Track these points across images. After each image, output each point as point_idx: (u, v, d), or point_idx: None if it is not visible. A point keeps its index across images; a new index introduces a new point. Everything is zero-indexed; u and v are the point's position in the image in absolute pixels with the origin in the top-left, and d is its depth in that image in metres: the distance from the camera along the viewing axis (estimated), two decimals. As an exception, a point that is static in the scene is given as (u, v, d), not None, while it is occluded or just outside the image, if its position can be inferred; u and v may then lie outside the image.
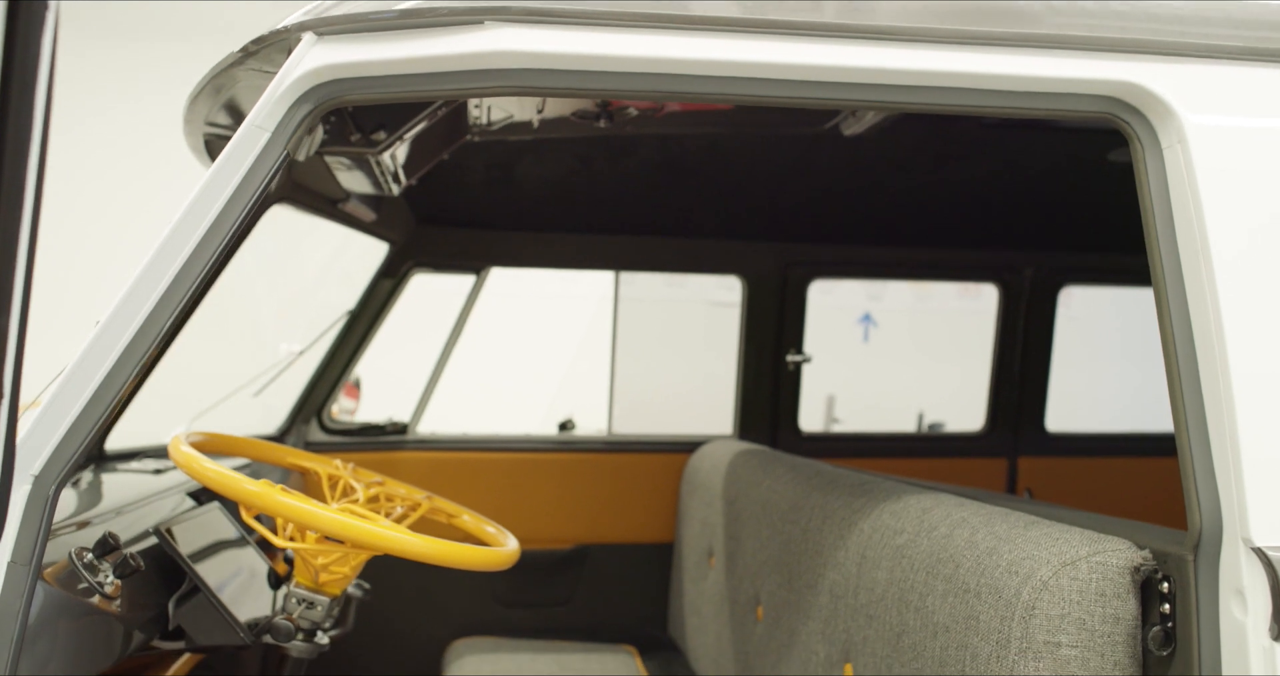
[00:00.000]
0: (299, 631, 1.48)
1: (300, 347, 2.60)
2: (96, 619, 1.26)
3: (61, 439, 1.12)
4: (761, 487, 2.12)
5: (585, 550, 2.95)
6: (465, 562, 1.35)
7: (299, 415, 2.77)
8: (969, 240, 3.02)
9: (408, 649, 2.82)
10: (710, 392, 3.21)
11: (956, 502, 1.46)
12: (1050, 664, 1.14)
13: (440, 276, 2.87)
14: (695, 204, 2.74)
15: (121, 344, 1.14)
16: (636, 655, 2.63)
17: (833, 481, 1.83)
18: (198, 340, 2.93)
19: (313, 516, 1.29)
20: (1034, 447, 3.19)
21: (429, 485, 2.86)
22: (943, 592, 1.30)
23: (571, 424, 3.07)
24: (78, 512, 1.51)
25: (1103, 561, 1.15)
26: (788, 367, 3.02)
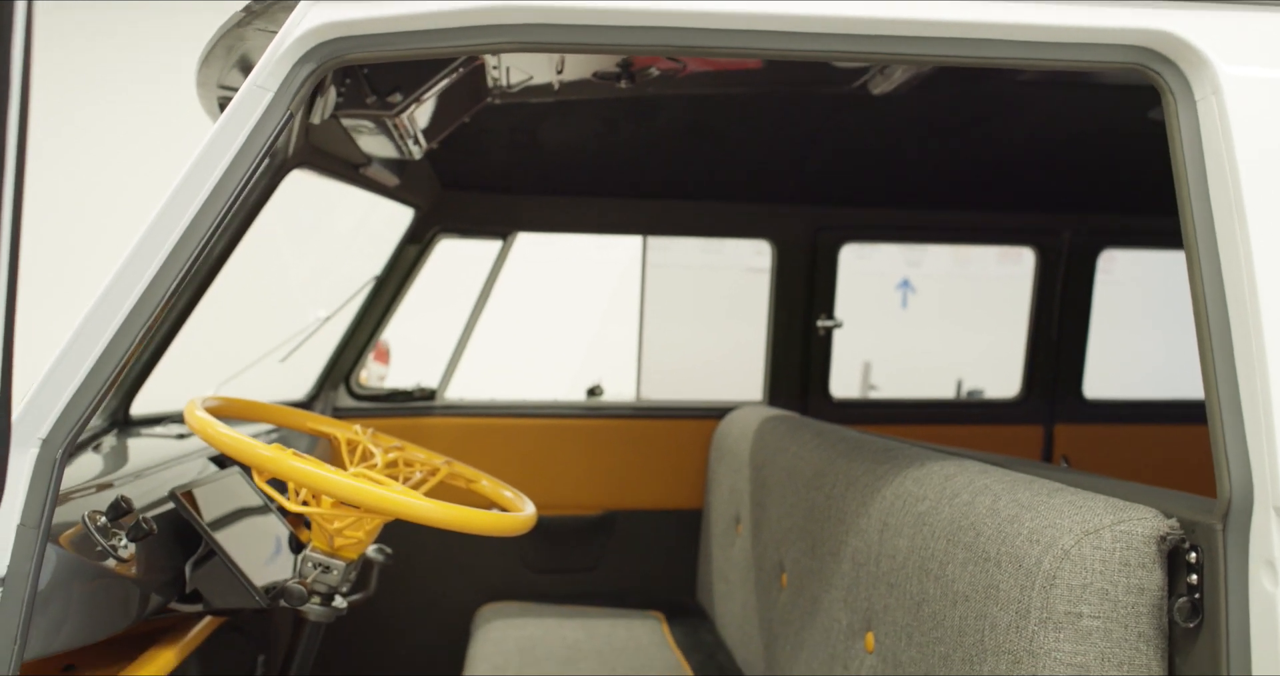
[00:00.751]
0: (314, 595, 1.48)
1: (326, 313, 2.60)
2: (111, 581, 1.27)
3: (68, 403, 1.11)
4: (787, 454, 2.09)
5: (613, 516, 2.95)
6: (478, 527, 1.34)
7: (327, 381, 2.78)
8: (1005, 203, 2.95)
9: (437, 613, 2.84)
10: (741, 358, 3.18)
11: (980, 469, 1.42)
12: (1071, 634, 1.10)
13: (467, 242, 2.86)
14: (723, 167, 2.70)
15: (126, 307, 1.13)
16: (664, 621, 2.63)
17: (857, 447, 1.80)
18: (227, 307, 2.94)
19: (324, 481, 1.29)
20: (1071, 415, 3.13)
21: (456, 451, 2.87)
22: (963, 561, 1.27)
23: (599, 389, 3.06)
24: (98, 477, 1.52)
25: (1127, 530, 1.11)
26: (818, 333, 2.97)
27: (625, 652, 2.32)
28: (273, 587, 1.44)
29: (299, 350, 2.59)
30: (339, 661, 2.81)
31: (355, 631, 2.82)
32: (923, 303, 7.30)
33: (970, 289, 7.14)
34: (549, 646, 2.34)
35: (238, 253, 1.99)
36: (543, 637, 2.41)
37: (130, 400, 1.96)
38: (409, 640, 2.84)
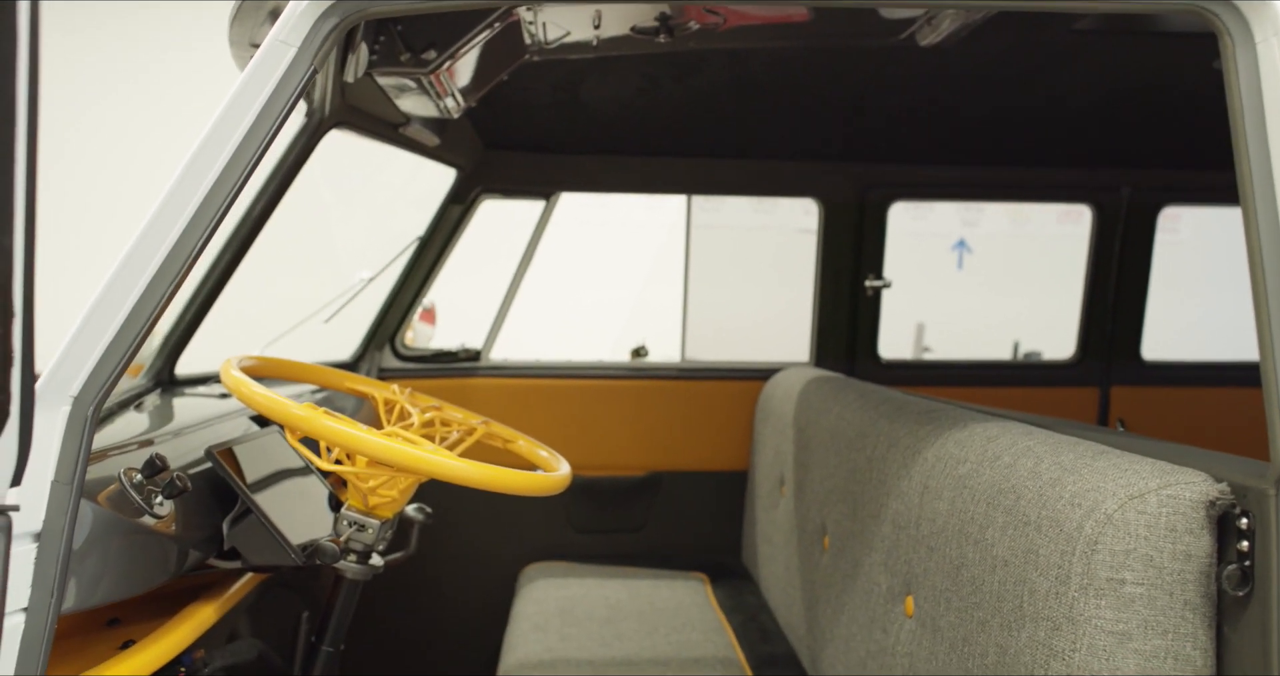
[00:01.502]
0: (349, 553, 1.49)
1: (370, 274, 2.61)
2: (147, 537, 1.28)
3: (98, 361, 1.12)
4: (831, 415, 2.06)
5: (658, 477, 2.94)
6: (509, 487, 1.33)
7: (372, 342, 2.80)
8: (1060, 158, 2.85)
9: (483, 572, 2.87)
10: (787, 320, 3.13)
11: (1024, 431, 1.38)
12: (1113, 601, 1.07)
13: (510, 202, 2.84)
14: (768, 124, 2.64)
15: (154, 264, 1.13)
16: (707, 582, 2.63)
17: (900, 409, 1.77)
18: (276, 268, 2.95)
19: (355, 439, 1.29)
20: (1128, 377, 3.04)
21: (501, 411, 2.88)
22: (1002, 525, 1.24)
23: (644, 350, 3.04)
24: (140, 435, 1.54)
25: (1174, 494, 1.07)
26: (866, 293, 2.92)
27: (667, 613, 2.32)
28: (309, 545, 1.45)
29: (345, 311, 2.60)
30: (385, 619, 2.85)
31: (402, 589, 2.86)
32: (979, 263, 7.16)
33: (1029, 249, 6.98)
34: (591, 605, 2.35)
35: (278, 213, 1.99)
36: (585, 597, 2.42)
37: (175, 360, 1.98)
38: (455, 599, 2.87)
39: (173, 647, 1.35)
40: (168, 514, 1.31)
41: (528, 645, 2.11)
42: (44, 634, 1.11)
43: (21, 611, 1.10)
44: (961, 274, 7.17)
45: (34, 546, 1.10)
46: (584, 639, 2.12)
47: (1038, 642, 1.13)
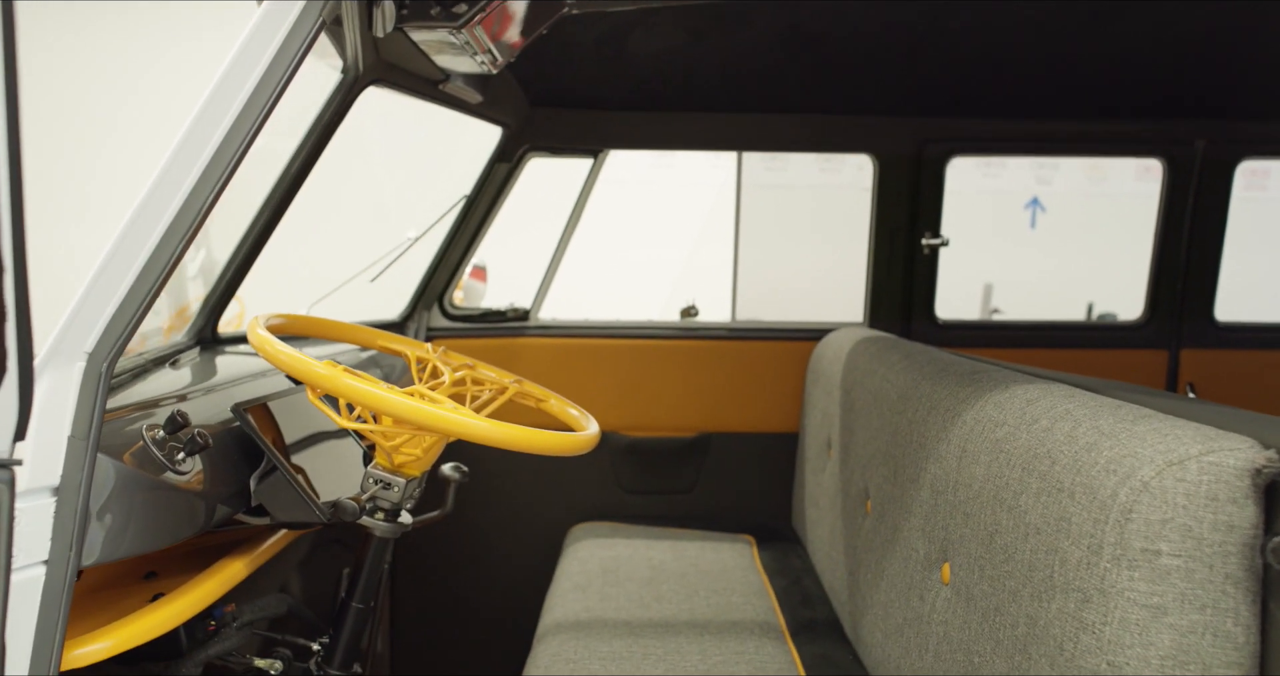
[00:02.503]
0: (378, 511, 1.49)
1: (416, 234, 2.60)
2: (172, 493, 1.29)
3: (112, 316, 1.12)
4: (876, 376, 2.00)
5: (708, 438, 2.91)
6: (529, 445, 1.31)
7: (420, 302, 2.80)
8: (1130, 109, 2.72)
9: (531, 532, 2.88)
10: (842, 279, 3.06)
11: (1065, 394, 1.31)
12: (1147, 573, 1.01)
13: (558, 160, 2.81)
14: (820, 77, 2.56)
15: (166, 219, 1.13)
16: (754, 545, 2.60)
17: (943, 370, 1.70)
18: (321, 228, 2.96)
19: (373, 397, 1.28)
20: (1199, 339, 2.91)
21: (550, 371, 2.87)
22: (1036, 491, 1.18)
23: (694, 310, 3.00)
24: (173, 391, 1.55)
25: (1216, 461, 1.00)
26: (923, 252, 2.83)
27: (709, 575, 2.30)
28: (334, 503, 1.45)
29: (392, 271, 2.60)
30: (434, 577, 2.88)
31: (451, 548, 2.88)
32: (1053, 222, 6.94)
33: (1105, 207, 6.74)
34: (634, 566, 2.34)
35: (323, 172, 1.99)
36: (629, 557, 2.41)
37: (216, 318, 2.00)
38: (503, 558, 2.89)
39: (199, 601, 1.37)
40: (191, 469, 1.31)
41: (567, 605, 2.10)
42: (64, 585, 1.13)
43: (42, 564, 1.12)
44: (1035, 233, 6.96)
45: (53, 500, 1.12)
46: (623, 599, 2.11)
47: (1067, 614, 1.08)
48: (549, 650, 1.86)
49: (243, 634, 1.47)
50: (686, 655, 1.82)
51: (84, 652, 1.23)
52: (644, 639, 1.89)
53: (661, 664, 1.77)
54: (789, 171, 6.11)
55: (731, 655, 1.83)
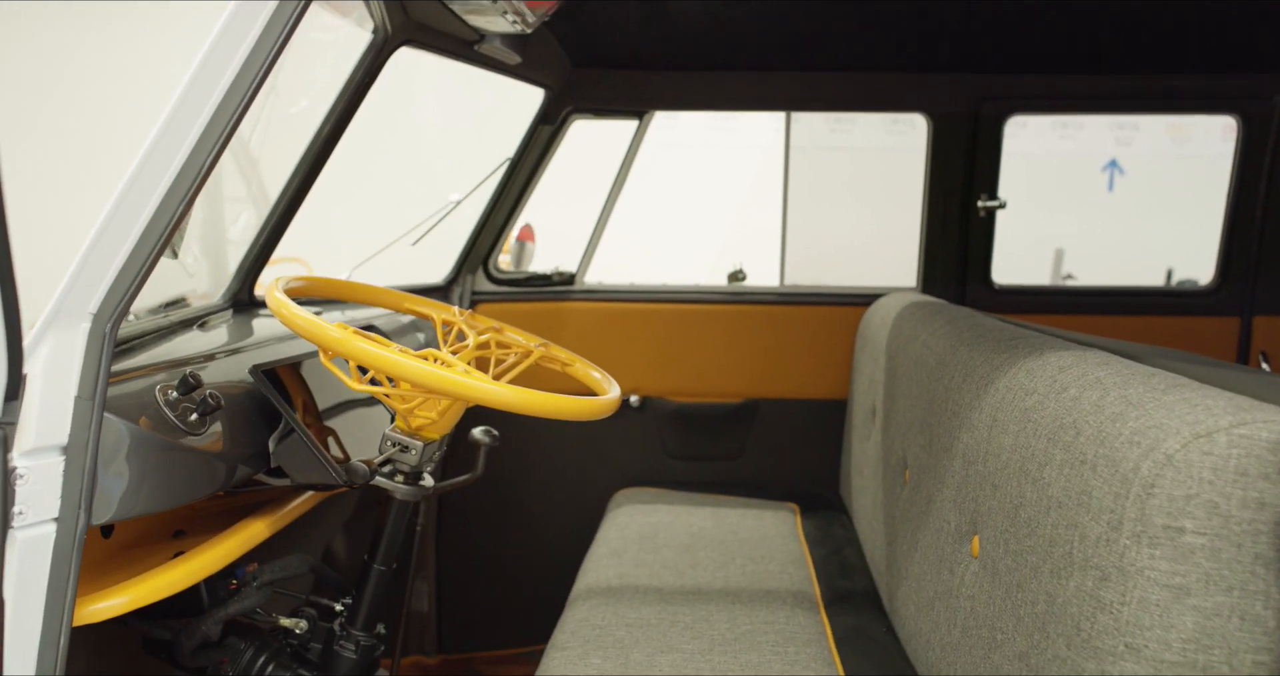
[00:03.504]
0: (393, 474, 1.49)
1: (458, 197, 2.59)
2: (185, 453, 1.30)
3: (115, 277, 1.12)
4: (917, 342, 1.94)
5: (755, 405, 2.87)
6: (538, 409, 1.29)
7: (464, 265, 2.80)
8: (1202, 63, 2.57)
9: (576, 496, 2.88)
10: (895, 243, 2.98)
11: (1100, 361, 1.25)
12: (1169, 552, 0.95)
13: (602, 122, 2.77)
14: (871, 33, 2.46)
15: (168, 178, 1.12)
16: (798, 513, 2.56)
17: (982, 336, 1.64)
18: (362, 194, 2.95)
19: (382, 360, 1.27)
20: (1273, 306, 2.77)
21: (595, 336, 2.85)
22: (1060, 462, 1.12)
23: (741, 274, 2.95)
24: (200, 353, 1.56)
25: (1248, 434, 0.93)
26: (979, 214, 2.74)
27: (748, 543, 2.27)
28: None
29: (434, 236, 2.59)
30: (479, 540, 2.90)
31: (496, 512, 2.90)
32: (1133, 185, 6.68)
33: (1188, 170, 6.46)
34: (672, 533, 2.32)
35: (348, 135, 1.98)
36: (669, 524, 2.39)
37: (252, 281, 2.01)
38: (547, 522, 2.89)
39: (217, 560, 1.38)
40: (205, 430, 1.32)
41: (601, 570, 2.09)
42: (74, 541, 1.14)
43: (52, 521, 1.13)
44: (1112, 196, 6.71)
45: (61, 459, 1.13)
46: (658, 566, 2.09)
47: (1085, 592, 1.03)
48: (577, 615, 1.86)
49: (262, 593, 1.49)
50: (715, 623, 1.79)
51: (101, 607, 1.25)
52: (674, 606, 1.87)
53: (689, 632, 1.75)
54: (854, 134, 5.97)
55: (761, 624, 1.80)
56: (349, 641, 1.55)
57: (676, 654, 1.65)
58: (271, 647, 1.54)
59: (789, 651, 1.68)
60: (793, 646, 1.71)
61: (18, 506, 1.10)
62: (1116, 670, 0.98)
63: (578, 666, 1.61)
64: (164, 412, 1.26)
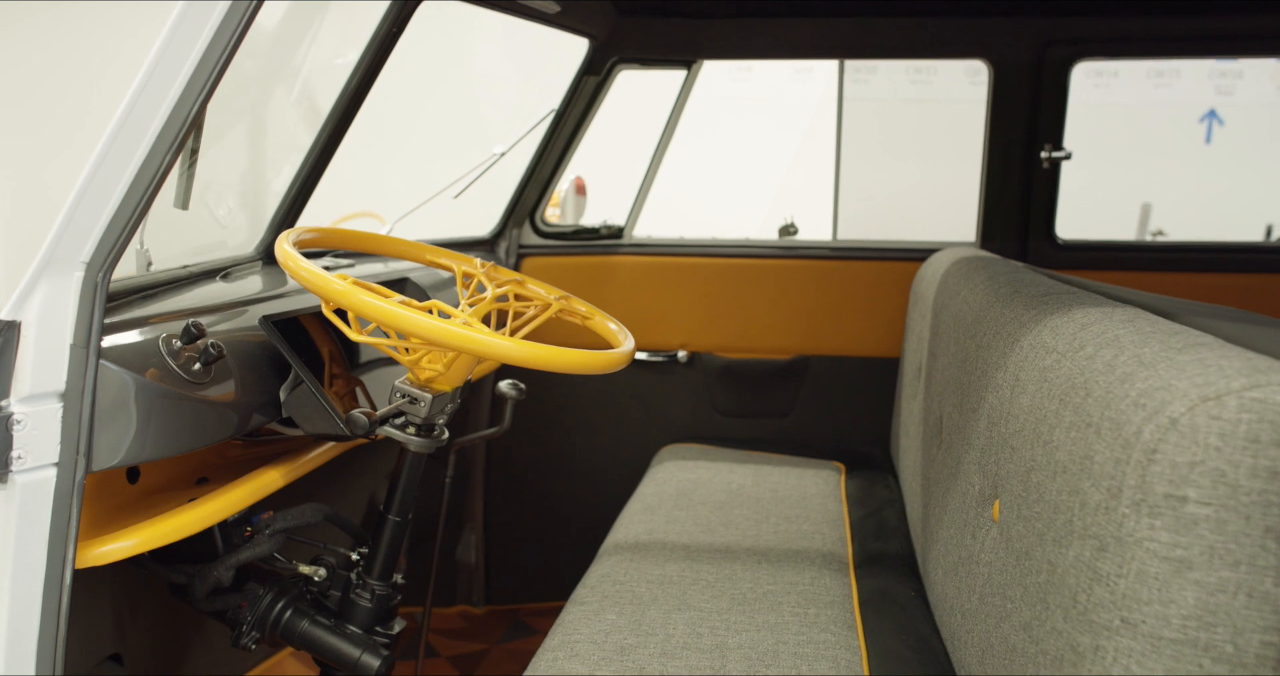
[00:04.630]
0: (405, 426, 1.48)
1: (502, 149, 2.56)
2: (191, 401, 1.31)
3: (106, 226, 1.13)
4: (958, 299, 1.86)
5: (806, 361, 2.82)
6: (537, 361, 1.27)
7: (510, 219, 2.78)
8: None
9: (623, 451, 2.87)
10: (955, 197, 2.86)
11: (1125, 318, 1.17)
12: (1170, 522, 0.89)
13: (649, 72, 2.71)
14: None
15: (154, 126, 1.11)
16: (843, 472, 2.51)
17: (1017, 291, 1.56)
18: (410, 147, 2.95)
19: (378, 310, 1.26)
20: None
21: (644, 290, 2.82)
22: (1069, 425, 1.06)
23: (793, 228, 2.88)
24: (218, 303, 1.57)
25: (1261, 398, 0.86)
26: (1042, 166, 2.61)
27: (786, 501, 2.23)
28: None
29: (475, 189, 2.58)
30: (525, 493, 2.92)
31: (543, 465, 2.90)
32: (1233, 137, 6.33)
33: (1296, 120, 6.09)
34: (710, 490, 2.29)
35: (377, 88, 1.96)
36: (708, 481, 2.37)
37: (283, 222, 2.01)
38: (593, 476, 2.89)
39: (226, 507, 1.40)
40: (209, 379, 1.33)
41: (632, 526, 2.08)
42: (73, 485, 1.16)
43: (52, 465, 1.15)
44: (1210, 149, 6.38)
45: (59, 406, 1.15)
46: (689, 523, 2.07)
47: (1083, 563, 0.97)
48: (601, 570, 1.85)
49: (274, 540, 1.50)
50: (739, 582, 1.77)
51: (110, 549, 1.28)
52: (699, 563, 1.85)
53: (710, 590, 1.73)
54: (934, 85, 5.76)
55: (785, 584, 1.76)
56: (365, 590, 1.56)
57: (694, 612, 1.63)
58: (290, 594, 1.57)
59: (809, 612, 1.65)
60: (814, 607, 1.67)
61: (16, 451, 1.12)
62: (1112, 645, 0.93)
63: (592, 622, 1.60)
64: (165, 361, 1.28)
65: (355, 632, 1.55)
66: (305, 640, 1.54)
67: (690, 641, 1.52)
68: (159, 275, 1.56)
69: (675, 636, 1.54)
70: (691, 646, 1.50)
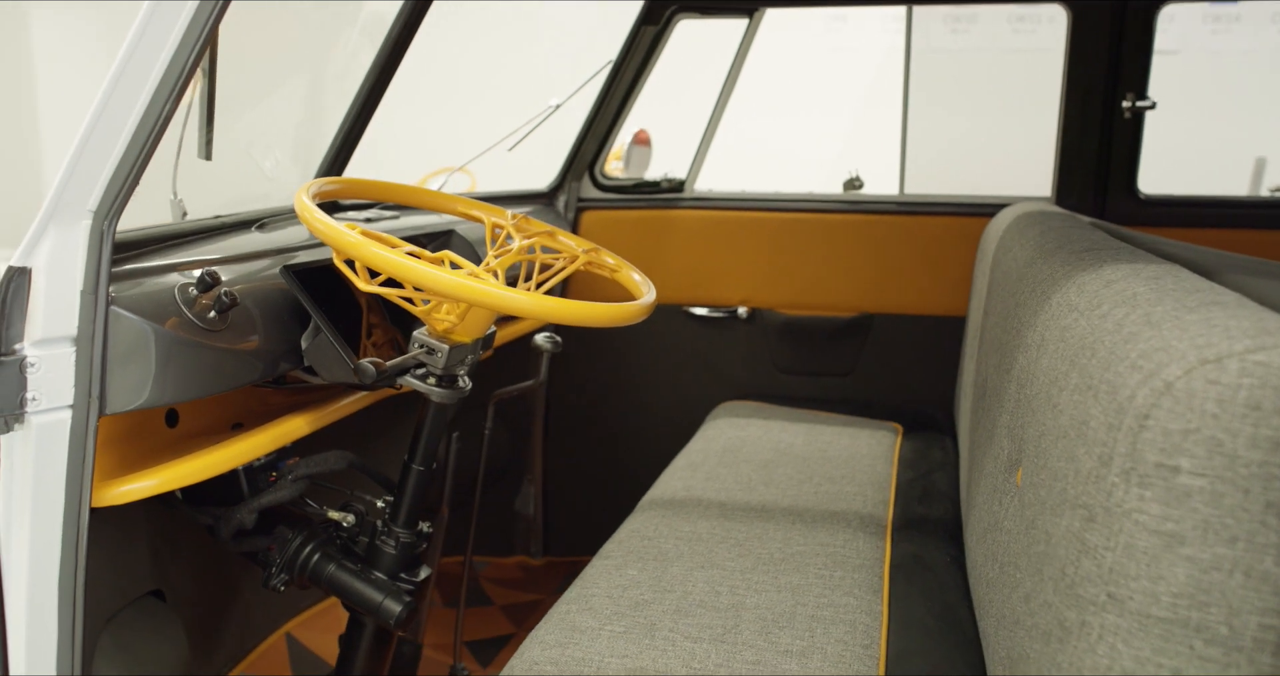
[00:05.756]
0: (425, 376, 1.49)
1: (558, 101, 2.54)
2: (205, 348, 1.34)
3: (111, 174, 1.15)
4: (1009, 255, 1.78)
5: (869, 319, 2.74)
6: (544, 313, 1.26)
7: (569, 171, 2.76)
8: None
9: (681, 407, 2.85)
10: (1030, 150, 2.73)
11: (1152, 274, 1.09)
12: (1160, 493, 0.83)
13: (709, 21, 2.64)
14: None
15: (156, 72, 1.12)
16: (900, 433, 2.44)
17: (1062, 245, 1.48)
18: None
19: (384, 261, 1.26)
20: None
21: (704, 245, 2.78)
22: (1074, 387, 1.00)
23: (858, 182, 2.79)
24: (257, 250, 1.60)
25: (1265, 361, 0.79)
26: (1123, 116, 2.47)
27: (833, 462, 2.18)
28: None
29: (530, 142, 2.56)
30: (583, 447, 2.93)
31: (601, 419, 2.91)
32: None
33: None
34: (757, 448, 2.26)
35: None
36: (758, 439, 2.33)
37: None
38: (649, 431, 2.89)
39: (247, 451, 1.43)
40: (225, 326, 1.36)
41: (672, 482, 2.07)
42: (87, 426, 1.20)
43: (67, 408, 1.19)
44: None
45: (72, 350, 1.18)
46: (729, 481, 2.04)
47: (1073, 533, 0.92)
48: (632, 525, 1.84)
49: (297, 486, 1.54)
50: (768, 542, 1.74)
51: (131, 488, 1.32)
52: (731, 522, 1.83)
53: (737, 549, 1.71)
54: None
55: (816, 545, 1.73)
56: (390, 537, 1.59)
57: (716, 570, 1.61)
58: (319, 538, 1.60)
59: (835, 575, 1.61)
60: (841, 570, 1.63)
61: (30, 392, 1.16)
62: (1098, 621, 0.87)
63: (613, 576, 1.60)
64: (182, 310, 1.30)
65: (380, 578, 1.58)
66: (331, 583, 1.58)
67: (707, 599, 1.50)
68: (190, 224, 1.59)
69: (693, 594, 1.52)
70: (707, 604, 1.49)
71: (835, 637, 1.41)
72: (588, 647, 1.36)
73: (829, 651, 1.37)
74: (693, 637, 1.39)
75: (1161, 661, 0.84)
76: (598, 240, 2.81)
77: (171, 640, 1.63)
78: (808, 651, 1.37)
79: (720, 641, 1.38)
